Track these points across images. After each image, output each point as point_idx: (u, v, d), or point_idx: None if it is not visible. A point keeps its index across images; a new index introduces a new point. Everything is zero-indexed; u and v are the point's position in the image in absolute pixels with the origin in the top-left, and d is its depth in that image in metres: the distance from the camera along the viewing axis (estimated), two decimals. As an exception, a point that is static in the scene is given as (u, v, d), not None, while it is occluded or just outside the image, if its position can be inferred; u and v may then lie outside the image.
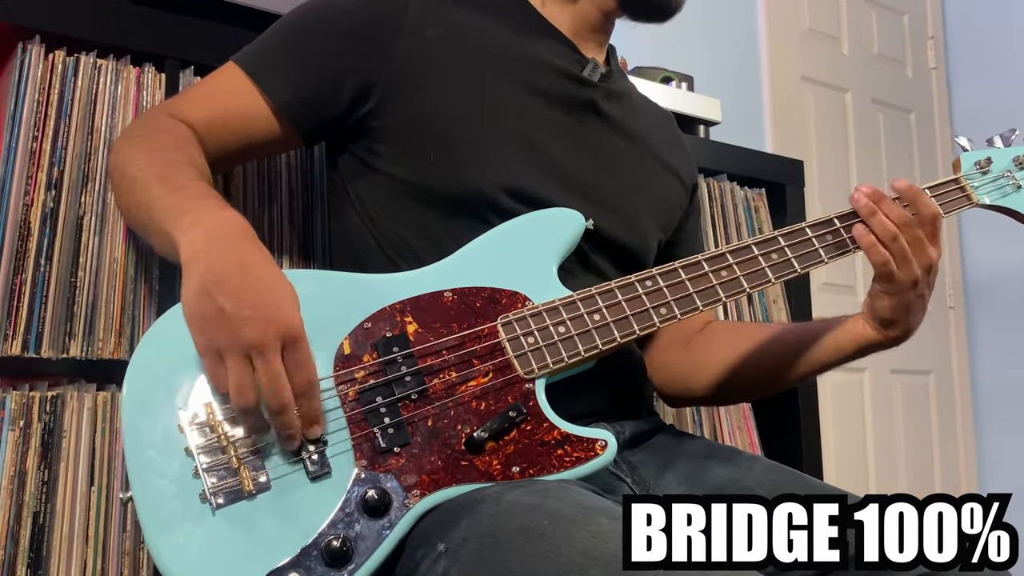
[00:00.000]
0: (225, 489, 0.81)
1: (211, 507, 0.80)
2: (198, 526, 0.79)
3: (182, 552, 0.78)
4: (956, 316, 3.23)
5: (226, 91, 1.01)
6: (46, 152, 1.04)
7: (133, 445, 0.82)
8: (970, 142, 1.12)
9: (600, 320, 0.93)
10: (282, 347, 0.80)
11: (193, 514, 0.80)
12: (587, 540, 0.72)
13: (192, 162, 0.93)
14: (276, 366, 0.79)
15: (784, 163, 1.95)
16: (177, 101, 1.02)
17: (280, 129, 1.01)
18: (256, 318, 0.79)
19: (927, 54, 3.35)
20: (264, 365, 0.79)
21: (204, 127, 0.99)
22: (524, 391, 0.89)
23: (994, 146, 1.12)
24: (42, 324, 1.01)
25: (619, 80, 1.16)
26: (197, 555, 0.79)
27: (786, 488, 0.98)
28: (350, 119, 1.02)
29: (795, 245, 1.00)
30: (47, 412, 1.00)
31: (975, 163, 1.10)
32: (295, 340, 0.80)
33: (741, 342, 1.14)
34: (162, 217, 0.86)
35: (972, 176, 1.09)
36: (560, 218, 0.99)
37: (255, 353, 0.79)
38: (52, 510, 0.98)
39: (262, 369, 0.79)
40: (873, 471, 2.87)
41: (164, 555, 0.78)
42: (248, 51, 1.03)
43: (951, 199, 1.07)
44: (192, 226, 0.83)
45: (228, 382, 0.79)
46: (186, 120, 0.98)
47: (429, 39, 1.02)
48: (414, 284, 0.93)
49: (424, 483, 0.84)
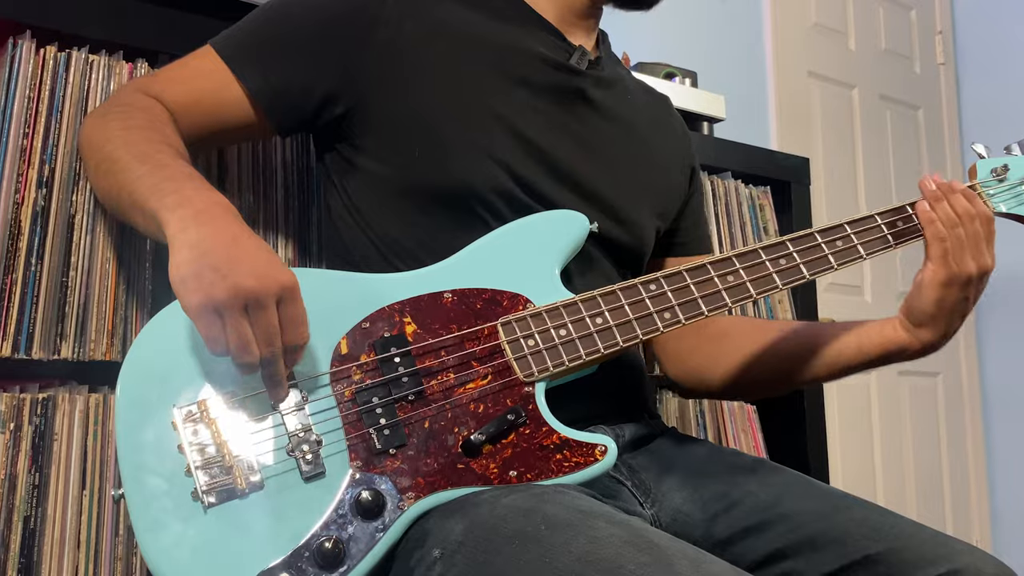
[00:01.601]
0: (217, 487, 0.81)
1: (203, 505, 0.80)
2: (189, 524, 0.80)
3: (172, 550, 0.79)
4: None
5: (201, 73, 1.01)
6: (37, 149, 1.04)
7: (126, 441, 0.82)
8: (987, 149, 1.12)
9: (602, 323, 0.92)
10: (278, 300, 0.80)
11: (184, 512, 0.80)
12: (585, 546, 0.72)
13: (170, 141, 0.93)
14: (272, 319, 0.80)
15: (790, 161, 1.94)
16: (152, 80, 1.02)
17: (255, 116, 1.02)
18: (251, 274, 0.79)
19: (935, 49, 3.34)
20: (263, 316, 0.79)
21: (178, 108, 0.99)
22: (523, 394, 0.89)
23: (1011, 153, 1.12)
24: (33, 325, 1.01)
25: (610, 66, 1.16)
26: (187, 554, 0.79)
27: (790, 491, 0.98)
28: (321, 120, 1.03)
29: (804, 251, 0.99)
30: (38, 414, 1.00)
31: (991, 170, 1.10)
32: (291, 294, 0.81)
33: (761, 336, 1.13)
34: (147, 196, 0.86)
35: (988, 184, 1.09)
36: (565, 220, 0.99)
37: (253, 304, 0.79)
38: (43, 514, 0.98)
39: (260, 320, 0.79)
40: (880, 474, 2.87)
41: (154, 553, 0.79)
42: (225, 35, 1.03)
43: None
44: (180, 205, 0.83)
45: (227, 339, 0.79)
46: (160, 99, 0.99)
47: (409, 32, 1.01)
48: (414, 284, 0.93)
49: (420, 486, 0.84)
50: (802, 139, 2.76)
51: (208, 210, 0.83)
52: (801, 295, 1.83)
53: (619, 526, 0.75)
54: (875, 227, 1.02)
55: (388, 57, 1.00)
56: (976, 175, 1.10)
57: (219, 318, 0.79)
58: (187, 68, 1.03)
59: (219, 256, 0.79)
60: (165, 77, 1.03)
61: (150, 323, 0.88)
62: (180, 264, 0.80)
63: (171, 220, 0.82)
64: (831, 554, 0.90)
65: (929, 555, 0.87)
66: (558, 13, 1.10)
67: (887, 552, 0.88)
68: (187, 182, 0.86)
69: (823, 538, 0.91)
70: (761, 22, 2.77)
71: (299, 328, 0.82)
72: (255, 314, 0.79)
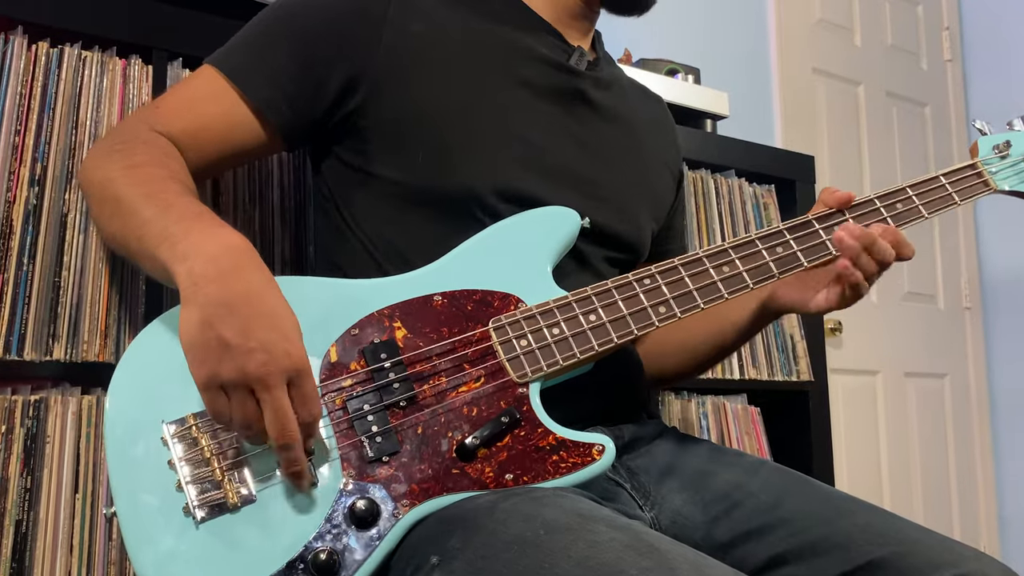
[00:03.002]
0: (209, 502, 0.81)
1: (194, 520, 0.80)
2: (181, 540, 0.80)
3: (165, 566, 0.79)
4: (972, 317, 3.22)
5: (203, 97, 0.99)
6: (29, 147, 1.04)
7: (116, 458, 0.82)
8: (988, 125, 1.11)
9: (596, 321, 0.92)
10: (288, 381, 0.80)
11: (176, 528, 0.80)
12: (585, 550, 0.71)
13: (177, 177, 0.91)
14: (283, 402, 0.79)
15: (794, 159, 1.94)
16: (153, 112, 1.00)
17: (263, 132, 1.00)
18: (261, 351, 0.78)
19: (942, 45, 3.34)
20: (271, 401, 0.79)
21: (185, 138, 0.97)
22: (517, 395, 0.89)
23: (1014, 129, 1.10)
24: (25, 325, 1.01)
25: (607, 67, 1.16)
26: (180, 569, 0.79)
27: (792, 493, 0.98)
28: (335, 117, 1.01)
29: (801, 238, 0.99)
30: (30, 417, 1.00)
31: (993, 147, 1.08)
32: (301, 375, 0.80)
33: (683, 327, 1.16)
34: (155, 244, 0.84)
35: (990, 161, 1.08)
36: (555, 217, 0.98)
37: (260, 388, 0.78)
38: (35, 518, 0.98)
39: (269, 404, 0.79)
40: (886, 477, 2.87)
41: (147, 570, 0.79)
42: (224, 51, 1.01)
43: (968, 185, 1.06)
44: (189, 255, 0.81)
45: (231, 415, 0.79)
46: (165, 132, 0.97)
47: (413, 33, 1.01)
48: (403, 288, 0.92)
49: (414, 492, 0.84)
50: (807, 137, 2.76)
51: (220, 259, 0.81)
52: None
53: (619, 530, 0.75)
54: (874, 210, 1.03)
55: (394, 58, 1.00)
56: (977, 152, 1.09)
57: (224, 395, 0.79)
58: (187, 92, 1.01)
59: (229, 327, 0.78)
60: (166, 106, 1.00)
61: (139, 337, 0.88)
62: (189, 327, 0.79)
63: (181, 272, 0.81)
64: (834, 559, 0.90)
65: (935, 560, 0.87)
66: (555, 14, 1.10)
67: (892, 557, 0.88)
68: (196, 223, 0.84)
69: (826, 543, 0.91)
70: (765, 17, 2.77)
71: (309, 406, 0.81)
72: (262, 396, 0.79)
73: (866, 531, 0.91)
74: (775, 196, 1.86)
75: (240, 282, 0.80)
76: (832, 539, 0.91)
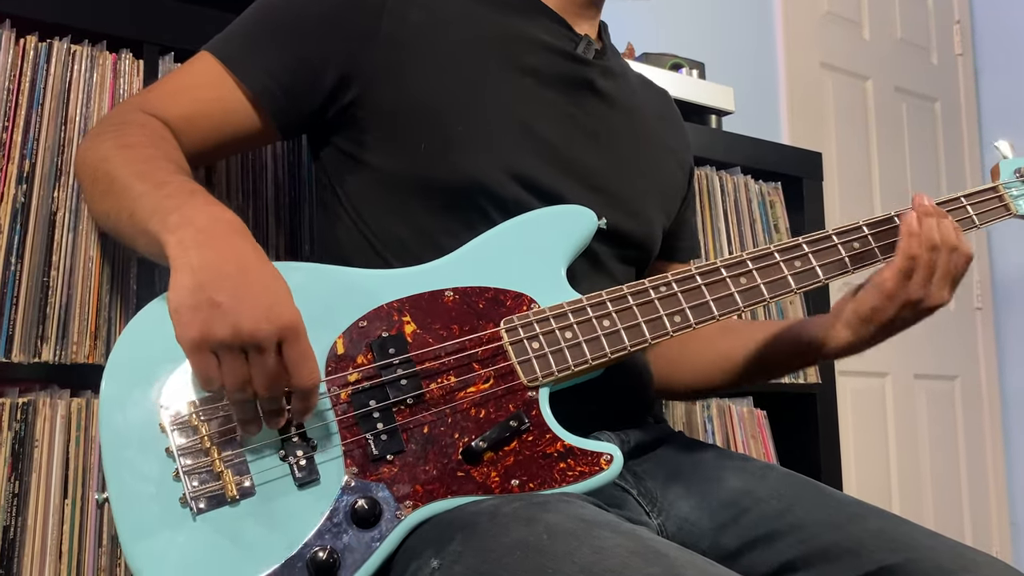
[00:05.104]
0: (207, 494, 0.81)
1: (191, 512, 0.80)
2: (177, 532, 0.79)
3: (159, 559, 0.78)
4: (984, 318, 3.22)
5: (200, 83, 1.00)
6: (17, 144, 1.04)
7: (110, 443, 0.81)
8: (1011, 147, 1.12)
9: (610, 326, 0.92)
10: (280, 342, 0.79)
11: (172, 519, 0.80)
12: (588, 556, 0.71)
13: (170, 157, 0.92)
14: (272, 363, 0.79)
15: (801, 155, 1.94)
16: (149, 96, 1.01)
17: (259, 120, 1.01)
18: (253, 311, 0.78)
19: (953, 39, 3.34)
20: (261, 361, 0.78)
21: (179, 122, 0.98)
22: (526, 399, 0.89)
23: None
24: (12, 326, 1.01)
25: (614, 58, 1.16)
26: (175, 563, 0.79)
27: (801, 499, 0.98)
28: (331, 110, 1.01)
29: (820, 252, 0.99)
30: (18, 420, 1.00)
31: (1015, 171, 1.10)
32: (296, 334, 0.80)
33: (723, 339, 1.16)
34: (147, 217, 0.84)
35: (1011, 184, 1.09)
36: (572, 216, 0.98)
37: (252, 348, 0.78)
38: (23, 524, 0.98)
39: (258, 365, 0.78)
40: (896, 481, 2.87)
41: (140, 562, 0.78)
42: (221, 38, 1.02)
43: (988, 208, 1.07)
44: (180, 225, 0.82)
45: (222, 377, 0.79)
46: (160, 116, 0.97)
47: (414, 22, 1.01)
48: (414, 281, 0.92)
49: (418, 494, 0.84)
50: (814, 133, 2.76)
51: (212, 228, 0.82)
52: (814, 297, 1.83)
53: (625, 536, 0.75)
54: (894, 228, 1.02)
55: (394, 48, 1.00)
56: (999, 176, 1.10)
57: (214, 357, 0.78)
58: (185, 78, 1.01)
59: (220, 289, 0.78)
60: (162, 91, 1.01)
61: (136, 317, 0.87)
62: (179, 289, 0.79)
63: (172, 241, 0.81)
64: (845, 566, 0.90)
65: (947, 566, 0.87)
66: (561, 2, 1.10)
67: (904, 563, 0.88)
68: (189, 198, 0.85)
69: (836, 549, 0.91)
70: (772, 10, 2.77)
71: (305, 367, 0.80)
72: (253, 358, 0.78)
73: (877, 537, 0.91)
74: (782, 193, 1.86)
75: (231, 249, 0.81)
76: (843, 545, 0.91)
